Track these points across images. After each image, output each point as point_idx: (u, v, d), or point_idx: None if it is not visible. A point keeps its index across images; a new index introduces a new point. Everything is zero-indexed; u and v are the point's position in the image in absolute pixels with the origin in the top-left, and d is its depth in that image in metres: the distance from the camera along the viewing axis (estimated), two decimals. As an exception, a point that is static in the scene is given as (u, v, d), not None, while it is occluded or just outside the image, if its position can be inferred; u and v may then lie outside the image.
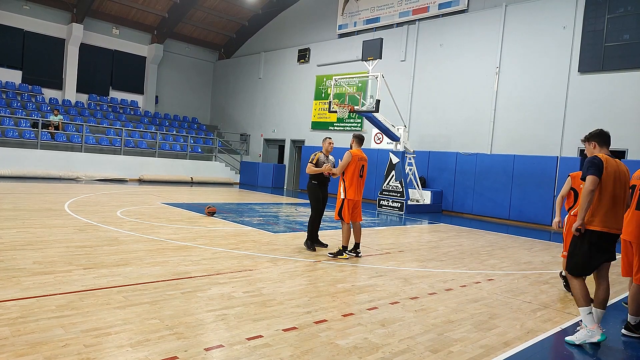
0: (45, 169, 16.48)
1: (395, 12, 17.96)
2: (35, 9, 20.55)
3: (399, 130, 14.77)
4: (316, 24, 21.35)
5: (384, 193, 15.05)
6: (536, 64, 14.06)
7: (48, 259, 5.47)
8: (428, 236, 10.21)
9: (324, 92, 20.31)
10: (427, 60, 16.88)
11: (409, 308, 4.69)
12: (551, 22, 13.77)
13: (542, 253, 8.85)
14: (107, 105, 22.77)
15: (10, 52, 20.18)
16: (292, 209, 13.28)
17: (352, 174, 6.83)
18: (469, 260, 7.49)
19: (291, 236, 8.48)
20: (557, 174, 13.12)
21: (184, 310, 4.08)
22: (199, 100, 26.95)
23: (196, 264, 5.79)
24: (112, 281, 4.76)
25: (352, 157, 6.81)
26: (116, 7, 22.20)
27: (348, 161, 6.79)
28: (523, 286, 6.03)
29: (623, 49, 12.28)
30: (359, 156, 6.89)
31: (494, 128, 14.93)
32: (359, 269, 6.28)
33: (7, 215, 8.29)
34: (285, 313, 4.23)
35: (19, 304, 3.90)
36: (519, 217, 13.86)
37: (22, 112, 18.73)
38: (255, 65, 24.19)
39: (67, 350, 3.13)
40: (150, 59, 24.18)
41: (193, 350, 3.28)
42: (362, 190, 7.02)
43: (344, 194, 6.85)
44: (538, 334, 4.24)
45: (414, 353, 3.56)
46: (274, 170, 21.72)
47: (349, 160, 6.79)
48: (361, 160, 6.91)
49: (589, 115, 12.89)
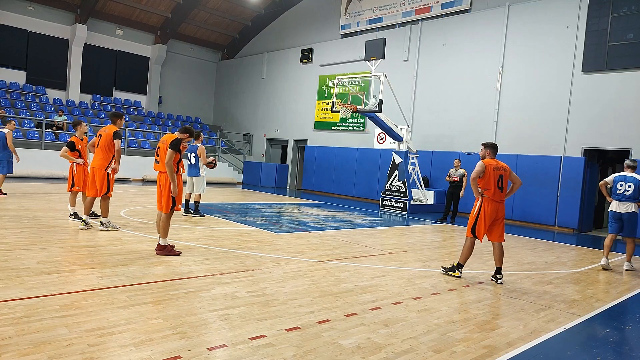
0: (49, 169, 16.54)
1: (398, 12, 17.94)
2: (39, 9, 20.64)
3: (402, 130, 14.75)
4: (319, 24, 21.35)
5: (387, 193, 15.03)
6: (539, 64, 14.01)
7: (52, 258, 5.49)
8: (431, 236, 10.20)
9: (326, 92, 20.30)
10: (430, 60, 16.86)
11: (412, 308, 4.69)
12: (554, 21, 13.72)
13: (546, 253, 8.82)
14: (111, 106, 22.85)
15: (14, 52, 20.28)
16: (295, 209, 13.29)
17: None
18: (471, 261, 7.47)
19: (294, 236, 8.48)
20: (560, 174, 13.08)
21: (187, 310, 4.09)
22: (202, 100, 27.00)
23: (199, 264, 5.80)
24: (115, 281, 4.77)
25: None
26: (120, 7, 22.27)
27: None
28: (526, 286, 6.01)
29: (627, 49, 12.22)
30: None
31: (497, 128, 14.89)
32: (361, 269, 6.27)
33: (11, 215, 8.32)
34: (288, 313, 4.23)
35: (23, 304, 3.92)
36: (522, 217, 13.82)
37: (26, 112, 18.82)
38: (258, 66, 24.21)
39: (71, 349, 3.14)
40: (154, 60, 24.24)
41: (196, 350, 3.28)
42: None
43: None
44: (541, 334, 4.23)
45: (416, 353, 3.56)
46: (277, 170, 21.73)
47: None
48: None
49: (593, 115, 12.84)
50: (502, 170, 6.05)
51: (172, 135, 6.32)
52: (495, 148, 6.26)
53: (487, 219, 6.02)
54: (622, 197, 7.63)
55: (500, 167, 6.07)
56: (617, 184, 7.68)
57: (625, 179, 7.66)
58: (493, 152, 6.22)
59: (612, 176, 7.80)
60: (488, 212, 6.01)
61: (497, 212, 6.05)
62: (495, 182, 5.99)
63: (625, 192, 7.61)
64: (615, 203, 7.70)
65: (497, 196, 6.01)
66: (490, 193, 6.00)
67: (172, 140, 6.14)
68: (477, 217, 6.08)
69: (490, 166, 6.02)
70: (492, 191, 5.99)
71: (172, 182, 6.10)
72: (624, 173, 7.75)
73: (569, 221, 12.92)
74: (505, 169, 6.13)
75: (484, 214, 6.02)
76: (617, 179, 7.70)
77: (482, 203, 6.06)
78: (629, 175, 7.69)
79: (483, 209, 6.04)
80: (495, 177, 5.99)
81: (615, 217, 7.72)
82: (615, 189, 7.69)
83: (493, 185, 5.98)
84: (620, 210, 7.65)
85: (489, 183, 5.99)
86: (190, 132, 6.57)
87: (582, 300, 5.55)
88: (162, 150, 6.28)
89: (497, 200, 6.04)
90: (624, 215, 7.63)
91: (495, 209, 6.02)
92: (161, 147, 6.32)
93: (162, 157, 6.23)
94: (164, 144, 6.27)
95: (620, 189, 7.64)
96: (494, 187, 5.98)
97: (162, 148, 6.29)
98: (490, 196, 6.00)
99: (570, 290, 5.98)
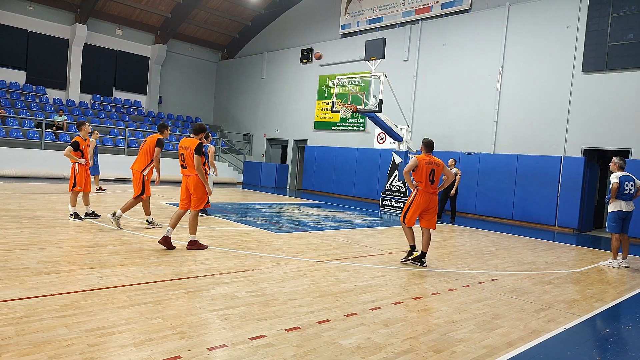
0: (49, 169, 16.54)
1: (398, 12, 17.94)
2: (39, 9, 20.63)
3: (402, 130, 14.75)
4: (319, 24, 21.36)
5: (387, 193, 15.03)
6: (540, 64, 14.01)
7: (52, 258, 5.49)
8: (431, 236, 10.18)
9: (326, 92, 20.31)
10: (430, 60, 16.86)
11: (411, 308, 4.69)
12: (555, 21, 13.72)
13: (546, 253, 8.82)
14: (111, 106, 22.85)
15: (14, 52, 20.27)
16: (295, 209, 13.29)
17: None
18: (472, 261, 7.48)
19: (294, 236, 8.49)
20: (560, 174, 13.08)
21: (187, 310, 4.09)
22: (202, 100, 27.00)
23: (199, 264, 5.80)
24: (115, 281, 4.78)
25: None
26: (119, 7, 22.27)
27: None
28: (526, 286, 6.01)
29: (627, 49, 12.22)
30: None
31: (497, 128, 14.89)
32: (361, 269, 6.27)
33: (11, 215, 8.32)
34: (288, 313, 4.23)
35: (23, 304, 3.92)
36: (523, 217, 13.82)
37: (26, 112, 18.82)
38: (258, 66, 24.21)
39: (71, 349, 3.14)
40: (154, 59, 24.24)
41: (196, 350, 3.28)
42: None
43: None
44: (542, 334, 4.23)
45: (416, 353, 3.56)
46: (277, 170, 21.74)
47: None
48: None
49: (593, 115, 12.84)
50: (434, 165, 6.69)
51: (194, 141, 6.59)
52: (430, 146, 6.85)
53: (418, 208, 6.71)
54: (628, 197, 7.74)
55: (432, 162, 6.69)
56: (624, 184, 7.72)
57: (628, 178, 7.74)
58: (427, 149, 6.84)
59: (617, 176, 7.78)
60: (420, 202, 6.67)
61: (429, 203, 6.69)
62: (427, 176, 6.63)
63: (630, 192, 7.74)
64: (623, 203, 7.75)
65: (428, 188, 6.66)
66: (422, 185, 6.66)
67: (196, 146, 6.47)
68: (410, 206, 6.77)
69: (422, 161, 6.64)
70: (424, 184, 6.64)
71: (205, 184, 6.53)
72: (625, 173, 7.79)
73: (569, 221, 12.92)
74: (438, 163, 6.74)
75: (416, 203, 6.70)
76: (623, 178, 7.74)
77: (416, 194, 6.71)
78: (628, 174, 7.76)
79: (416, 199, 6.71)
80: (427, 171, 6.63)
81: (622, 217, 7.78)
82: (623, 189, 7.73)
83: (425, 179, 6.62)
84: (628, 209, 7.76)
85: (421, 176, 6.63)
86: (205, 130, 6.92)
87: (582, 300, 5.55)
88: (186, 156, 6.58)
89: (429, 192, 6.67)
90: (629, 215, 7.74)
91: (427, 200, 6.67)
92: (185, 154, 6.60)
93: (188, 161, 6.56)
94: (188, 150, 6.55)
95: (626, 189, 7.72)
96: (425, 180, 6.62)
97: (186, 154, 6.58)
98: (422, 188, 6.67)
99: (570, 290, 5.98)
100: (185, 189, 6.66)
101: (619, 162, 7.86)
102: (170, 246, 6.48)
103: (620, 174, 7.78)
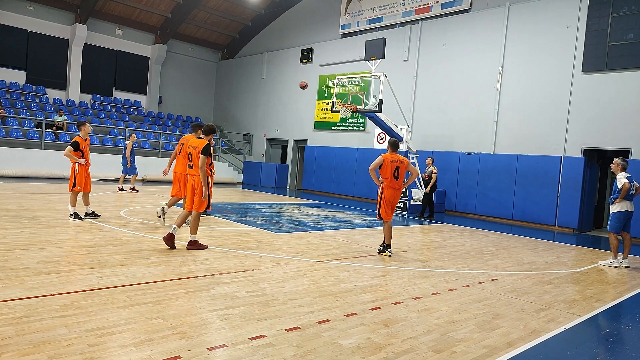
0: (50, 169, 16.54)
1: (398, 12, 17.94)
2: (39, 9, 20.64)
3: (402, 130, 14.74)
4: (319, 24, 21.36)
5: (386, 193, 15.02)
6: (540, 64, 14.01)
7: (52, 258, 5.49)
8: (431, 236, 10.20)
9: (326, 92, 20.31)
10: (430, 60, 16.86)
11: (411, 308, 4.69)
12: (555, 21, 13.72)
13: (546, 253, 8.82)
14: (111, 106, 22.85)
15: (14, 52, 20.27)
16: (295, 209, 13.29)
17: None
18: (472, 261, 7.48)
19: (294, 236, 8.49)
20: (560, 174, 13.08)
21: (187, 310, 4.09)
22: (202, 100, 27.00)
23: (199, 264, 5.80)
24: (115, 281, 4.78)
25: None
26: (119, 7, 22.27)
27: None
28: (526, 286, 6.01)
29: (627, 49, 12.22)
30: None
31: (497, 128, 14.89)
32: (361, 269, 6.28)
33: (11, 215, 8.32)
34: (288, 313, 4.23)
35: (23, 304, 3.92)
36: (523, 217, 13.83)
37: (26, 112, 18.82)
38: (258, 66, 24.21)
39: (71, 349, 3.14)
40: (154, 59, 24.24)
41: (196, 350, 3.28)
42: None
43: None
44: (542, 334, 4.23)
45: (416, 353, 3.56)
46: (277, 170, 21.74)
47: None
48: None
49: (593, 114, 12.84)
50: (398, 163, 7.26)
51: (203, 141, 6.69)
52: (395, 145, 7.46)
53: (387, 202, 7.27)
54: (631, 197, 7.86)
55: (397, 160, 7.26)
56: (632, 184, 7.80)
57: (631, 179, 7.84)
58: (392, 149, 7.42)
59: (625, 177, 7.78)
60: (386, 196, 7.25)
61: (394, 197, 7.28)
62: (392, 173, 7.22)
63: (633, 192, 7.87)
64: (628, 204, 7.82)
65: (393, 184, 7.25)
66: (387, 181, 7.24)
67: (203, 147, 6.56)
68: (380, 202, 7.32)
69: (387, 159, 7.22)
70: (390, 179, 7.22)
71: (204, 185, 6.56)
72: (628, 174, 7.86)
73: (569, 221, 12.92)
74: (403, 161, 7.30)
75: (383, 198, 7.28)
76: (629, 179, 7.81)
77: (382, 189, 7.29)
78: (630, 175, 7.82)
79: (383, 194, 7.30)
80: (392, 168, 7.21)
81: (628, 217, 7.85)
82: (630, 189, 7.78)
83: (390, 175, 7.21)
84: (633, 209, 7.87)
85: (386, 173, 7.22)
86: (215, 131, 7.04)
87: (582, 300, 5.55)
88: (194, 156, 6.70)
89: (394, 187, 7.27)
90: (632, 215, 7.87)
91: (392, 194, 7.27)
92: (193, 154, 6.72)
93: (195, 161, 6.67)
94: (195, 150, 6.66)
95: (632, 190, 7.83)
96: (390, 176, 7.21)
97: (194, 154, 6.70)
98: (387, 183, 7.24)
99: (570, 290, 5.98)
100: (191, 189, 6.73)
101: (622, 162, 7.88)
102: (172, 245, 6.51)
103: (625, 174, 7.81)
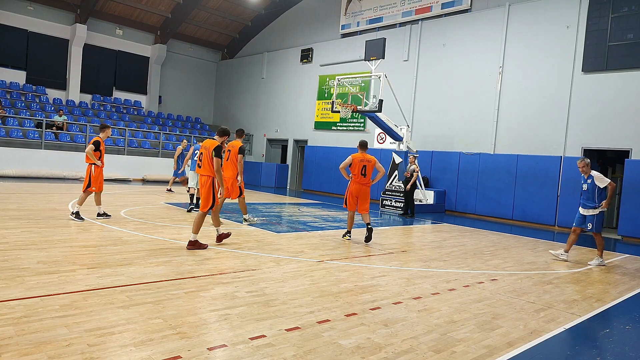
0: (49, 169, 16.55)
1: (398, 12, 17.94)
2: (39, 9, 20.63)
3: (402, 130, 14.75)
4: (319, 24, 21.36)
5: (387, 193, 15.03)
6: (540, 64, 14.02)
7: (52, 258, 5.49)
8: (431, 236, 10.20)
9: (326, 92, 20.31)
10: (430, 60, 16.86)
11: (412, 308, 4.69)
12: (555, 21, 13.72)
13: (546, 253, 8.82)
14: (111, 106, 22.85)
15: (14, 52, 20.27)
16: (295, 209, 13.29)
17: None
18: (472, 261, 7.48)
19: (294, 236, 8.49)
20: (560, 174, 13.08)
21: (187, 310, 4.09)
22: (202, 100, 27.00)
23: (199, 264, 5.80)
24: (115, 281, 4.78)
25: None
26: (119, 7, 22.26)
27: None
28: (526, 286, 6.01)
29: (627, 48, 12.22)
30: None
31: (497, 128, 14.89)
32: (361, 269, 6.28)
33: (11, 215, 8.33)
34: (288, 313, 4.23)
35: (23, 304, 3.92)
36: (522, 217, 13.83)
37: (26, 112, 18.82)
38: (258, 66, 24.21)
39: (71, 349, 3.14)
40: (154, 59, 24.24)
41: (196, 350, 3.29)
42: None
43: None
44: (542, 334, 4.23)
45: (416, 353, 3.56)
46: (277, 170, 21.74)
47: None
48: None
49: (593, 114, 12.85)
50: (366, 162, 8.20)
51: (214, 142, 6.81)
52: (364, 145, 8.42)
53: (352, 196, 8.29)
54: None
55: (364, 160, 8.21)
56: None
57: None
58: (362, 149, 8.38)
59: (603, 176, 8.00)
60: (352, 190, 8.26)
61: (359, 192, 8.23)
62: (360, 170, 8.17)
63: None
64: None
65: (360, 180, 8.19)
66: (355, 177, 8.21)
67: (214, 148, 6.69)
68: (347, 194, 8.37)
69: (356, 159, 8.21)
70: (357, 176, 8.19)
71: (220, 185, 6.83)
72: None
73: (569, 221, 12.86)
74: (370, 160, 8.24)
75: (349, 191, 8.31)
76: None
77: (350, 184, 8.29)
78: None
79: (349, 188, 8.33)
80: (359, 166, 8.16)
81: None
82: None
83: (357, 172, 8.18)
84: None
85: (355, 170, 8.20)
86: (229, 133, 7.23)
87: (582, 300, 5.55)
88: (205, 155, 6.81)
89: (361, 183, 8.21)
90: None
91: (358, 189, 8.23)
92: (204, 153, 6.82)
93: (205, 161, 6.79)
94: (206, 150, 6.78)
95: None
96: (358, 174, 8.18)
97: (205, 154, 6.80)
98: (355, 179, 8.21)
99: (570, 290, 5.98)
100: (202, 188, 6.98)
101: (590, 162, 8.02)
102: (221, 240, 7.12)
103: (599, 173, 7.98)
